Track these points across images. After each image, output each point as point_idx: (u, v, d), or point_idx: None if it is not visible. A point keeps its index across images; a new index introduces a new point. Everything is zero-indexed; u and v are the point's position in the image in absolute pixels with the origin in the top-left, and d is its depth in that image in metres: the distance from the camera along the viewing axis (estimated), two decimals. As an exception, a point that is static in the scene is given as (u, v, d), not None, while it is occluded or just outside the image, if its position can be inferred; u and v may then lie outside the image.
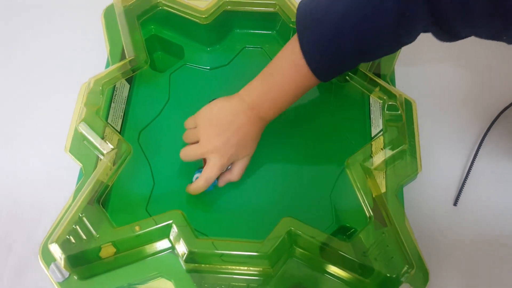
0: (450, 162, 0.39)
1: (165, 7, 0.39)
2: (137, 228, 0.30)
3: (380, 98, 0.34)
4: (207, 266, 0.29)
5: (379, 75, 0.36)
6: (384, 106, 0.33)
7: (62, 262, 0.28)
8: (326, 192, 0.35)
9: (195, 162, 0.37)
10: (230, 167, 0.35)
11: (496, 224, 0.36)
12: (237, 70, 0.41)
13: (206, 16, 0.38)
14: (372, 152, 0.32)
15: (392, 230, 0.29)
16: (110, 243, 0.29)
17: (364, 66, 0.36)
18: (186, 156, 0.35)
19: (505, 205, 0.37)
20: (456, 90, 0.42)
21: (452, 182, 0.38)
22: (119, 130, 0.37)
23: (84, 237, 0.29)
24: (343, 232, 0.34)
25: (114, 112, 0.36)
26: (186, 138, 0.36)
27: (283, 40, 0.41)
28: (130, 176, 0.35)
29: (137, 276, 0.30)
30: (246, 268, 0.29)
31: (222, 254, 0.29)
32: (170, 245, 0.30)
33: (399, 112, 0.32)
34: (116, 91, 0.37)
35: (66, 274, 0.29)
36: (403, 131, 0.32)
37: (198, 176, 0.34)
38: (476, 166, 0.38)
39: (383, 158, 0.32)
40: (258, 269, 0.29)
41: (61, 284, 0.29)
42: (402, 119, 0.32)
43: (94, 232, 0.29)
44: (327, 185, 0.36)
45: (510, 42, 0.26)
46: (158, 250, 0.30)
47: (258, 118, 0.34)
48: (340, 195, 0.35)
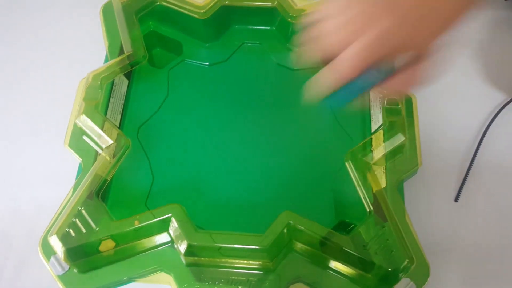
0: (451, 158, 0.38)
1: (163, 3, 0.39)
2: (136, 222, 0.30)
3: (379, 92, 0.34)
4: (207, 259, 0.29)
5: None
6: (384, 100, 0.33)
7: (61, 255, 0.28)
8: (326, 187, 0.35)
9: (194, 156, 0.37)
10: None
11: (497, 220, 0.36)
12: (236, 66, 0.41)
13: (204, 11, 0.38)
14: (372, 146, 0.32)
15: (392, 224, 0.29)
16: (109, 237, 0.29)
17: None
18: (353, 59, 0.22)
19: (506, 201, 0.37)
20: (457, 84, 0.42)
21: (453, 178, 0.38)
22: (118, 125, 0.37)
23: (83, 230, 0.29)
24: (343, 227, 0.34)
25: (113, 107, 0.36)
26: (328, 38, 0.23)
27: (282, 35, 0.41)
28: (129, 171, 0.35)
29: (136, 269, 0.29)
30: (245, 261, 0.29)
31: (221, 248, 0.28)
32: (169, 238, 0.30)
33: (399, 106, 0.32)
34: (114, 87, 0.37)
35: (66, 267, 0.29)
36: (403, 126, 0.32)
37: None
38: (477, 161, 0.38)
39: (383, 153, 0.32)
40: (257, 263, 0.29)
41: (61, 277, 0.29)
42: (402, 113, 0.32)
43: (93, 225, 0.29)
44: (327, 180, 0.36)
45: None
46: (157, 244, 0.30)
47: None
48: (340, 190, 0.35)
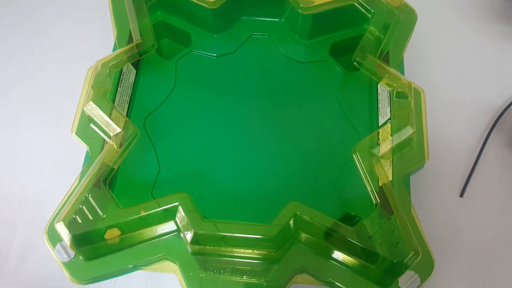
0: (457, 153, 0.38)
1: (172, -8, 0.39)
2: (143, 211, 0.30)
3: (389, 85, 0.34)
4: (212, 248, 0.29)
5: (388, 64, 0.36)
6: (393, 94, 0.33)
7: (68, 242, 0.28)
8: (332, 180, 0.35)
9: (200, 147, 0.37)
10: None
11: (502, 215, 0.36)
12: (244, 57, 0.41)
13: (213, 1, 0.38)
14: (379, 139, 0.32)
15: (399, 217, 0.29)
16: (116, 225, 0.29)
17: (373, 54, 0.35)
18: None
19: (511, 197, 0.37)
20: (465, 80, 0.42)
21: (459, 173, 0.38)
22: (125, 115, 0.37)
23: (90, 217, 0.29)
24: (348, 221, 0.34)
25: (120, 97, 0.36)
26: None
27: (291, 28, 0.41)
28: (135, 161, 0.35)
29: (142, 257, 0.29)
30: (250, 251, 0.29)
31: (227, 237, 0.28)
32: (175, 227, 0.30)
33: (408, 99, 0.32)
34: (122, 76, 0.37)
35: (72, 254, 0.29)
36: (412, 118, 0.32)
37: None
38: (483, 157, 0.38)
39: (390, 146, 0.31)
40: (262, 252, 0.29)
41: (66, 264, 0.29)
42: (411, 107, 0.32)
43: (100, 212, 0.29)
44: (333, 173, 0.35)
45: None
46: (163, 232, 0.30)
47: None
48: (346, 184, 0.35)
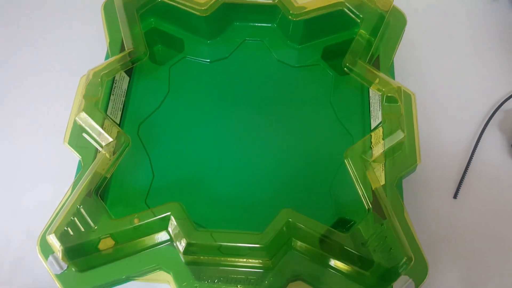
0: (450, 155, 0.38)
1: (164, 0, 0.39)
2: (136, 220, 0.30)
3: (379, 90, 0.34)
4: (206, 258, 0.29)
5: (378, 68, 0.36)
6: (383, 98, 0.33)
7: (60, 254, 0.28)
8: (326, 184, 0.35)
9: (194, 154, 0.37)
10: None
11: (496, 217, 0.36)
12: (237, 62, 0.41)
13: (205, 8, 0.38)
14: (371, 143, 0.32)
15: (390, 222, 0.29)
16: (109, 236, 0.29)
17: (363, 58, 0.35)
18: None
19: (505, 198, 0.37)
20: (456, 82, 0.42)
21: (452, 175, 0.38)
22: (119, 122, 0.37)
23: (82, 229, 0.29)
24: (343, 225, 0.34)
25: (113, 104, 0.36)
26: None
27: (284, 33, 0.41)
28: (129, 168, 0.35)
29: (135, 268, 0.29)
30: (245, 260, 0.29)
31: (221, 246, 0.28)
32: (168, 237, 0.30)
33: (398, 104, 0.32)
34: (115, 84, 0.37)
35: (64, 266, 0.29)
36: (402, 123, 0.32)
37: None
38: (476, 158, 0.38)
39: (382, 150, 0.31)
40: (256, 261, 0.29)
41: (59, 276, 0.29)
42: (401, 111, 0.32)
43: (92, 224, 0.29)
44: (327, 177, 0.35)
45: None
46: (157, 242, 0.30)
47: None
48: (340, 188, 0.35)
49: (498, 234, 0.36)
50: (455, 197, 0.37)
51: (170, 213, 0.29)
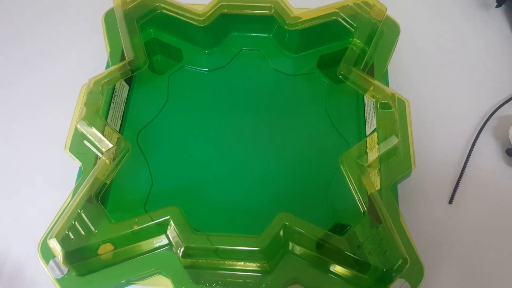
0: (445, 161, 0.39)
1: (163, 10, 0.39)
2: (135, 226, 0.30)
3: (373, 96, 0.34)
4: (204, 262, 0.30)
5: (373, 76, 0.37)
6: (377, 104, 0.34)
7: (60, 258, 0.28)
8: (323, 189, 0.36)
9: (192, 161, 0.37)
10: None
11: (492, 221, 0.36)
12: (234, 71, 0.42)
13: (203, 18, 0.39)
14: (366, 149, 0.33)
15: (386, 225, 0.30)
16: (108, 241, 0.30)
17: (357, 66, 0.36)
18: None
19: (500, 202, 0.37)
20: (450, 89, 0.43)
21: (447, 180, 0.38)
22: (118, 130, 0.38)
23: (83, 232, 0.29)
24: (339, 230, 0.34)
25: (113, 112, 0.37)
26: None
27: (280, 42, 0.42)
28: (128, 175, 0.36)
29: (134, 272, 0.30)
30: (242, 263, 0.29)
31: (218, 249, 0.29)
32: (167, 241, 0.30)
33: (392, 110, 0.33)
34: (115, 92, 0.37)
35: (65, 270, 0.29)
36: (396, 128, 0.33)
37: None
38: (471, 164, 0.39)
39: (377, 155, 0.32)
40: (254, 264, 0.29)
41: (59, 280, 0.29)
42: (395, 117, 0.33)
43: (92, 228, 0.29)
44: (323, 183, 0.36)
45: None
46: (155, 246, 0.30)
47: None
48: (336, 193, 0.35)
49: (493, 238, 0.36)
50: (451, 202, 0.37)
51: (169, 217, 0.30)
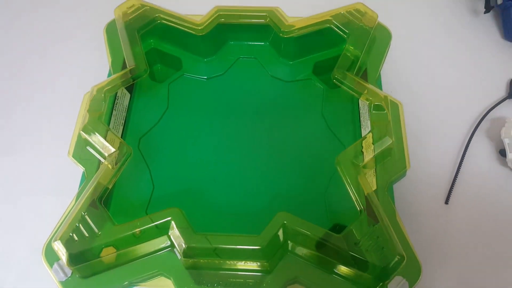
0: (440, 162, 0.40)
1: (163, 21, 0.41)
2: (137, 231, 0.31)
3: (367, 99, 0.35)
4: (205, 262, 0.30)
5: (366, 80, 0.38)
6: (370, 107, 0.35)
7: (65, 260, 0.29)
8: (320, 192, 0.36)
9: (192, 165, 0.38)
10: None
11: (487, 222, 0.37)
12: (232, 79, 0.43)
13: (201, 28, 0.40)
14: (362, 150, 0.34)
15: (383, 223, 0.30)
16: (111, 244, 0.30)
17: (351, 71, 0.37)
18: None
19: (495, 203, 0.38)
20: (444, 91, 0.44)
21: (443, 181, 0.39)
22: (120, 137, 0.38)
23: (86, 234, 0.30)
24: (338, 231, 0.35)
25: (115, 119, 0.38)
26: None
27: (276, 50, 0.43)
28: (130, 180, 0.37)
29: (137, 274, 0.30)
30: (243, 263, 0.30)
31: (218, 249, 0.29)
32: (169, 243, 0.31)
33: (385, 111, 0.34)
34: (117, 100, 0.39)
35: (69, 272, 0.30)
36: (389, 129, 0.34)
37: None
38: (465, 165, 0.39)
39: (372, 155, 0.33)
40: (254, 263, 0.30)
41: (63, 283, 0.30)
42: (388, 118, 0.34)
43: (96, 230, 0.30)
44: (321, 185, 0.37)
45: None
46: (157, 248, 0.31)
47: None
48: (334, 195, 0.36)
49: (489, 237, 0.37)
50: (447, 202, 0.38)
51: (170, 218, 0.30)
